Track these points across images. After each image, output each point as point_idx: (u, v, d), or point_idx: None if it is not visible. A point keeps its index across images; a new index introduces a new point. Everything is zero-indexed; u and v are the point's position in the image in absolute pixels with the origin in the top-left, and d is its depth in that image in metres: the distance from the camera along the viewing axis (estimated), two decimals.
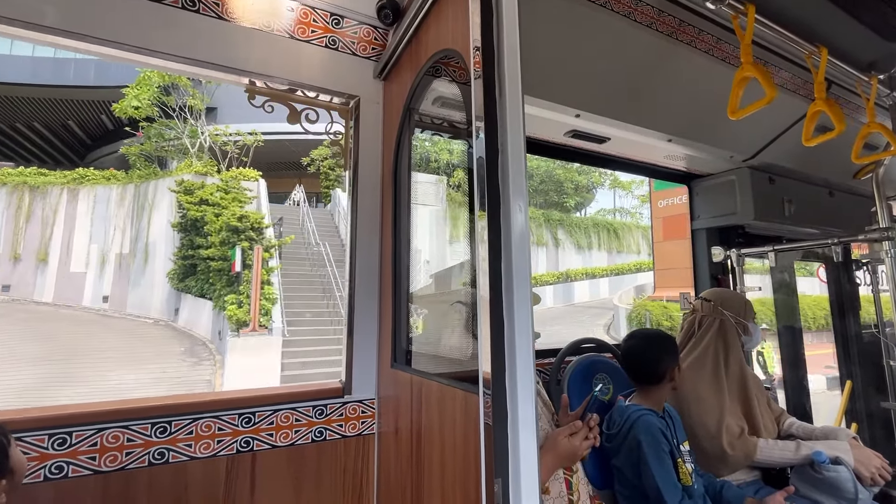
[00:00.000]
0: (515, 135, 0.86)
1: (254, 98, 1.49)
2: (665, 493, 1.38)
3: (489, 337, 0.80)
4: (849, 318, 2.97)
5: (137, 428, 1.18)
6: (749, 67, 1.26)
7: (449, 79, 1.42)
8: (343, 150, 1.65)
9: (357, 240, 1.56)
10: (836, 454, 1.54)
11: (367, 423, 1.48)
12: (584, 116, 1.68)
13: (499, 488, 0.76)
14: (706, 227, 2.53)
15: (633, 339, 1.64)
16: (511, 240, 0.81)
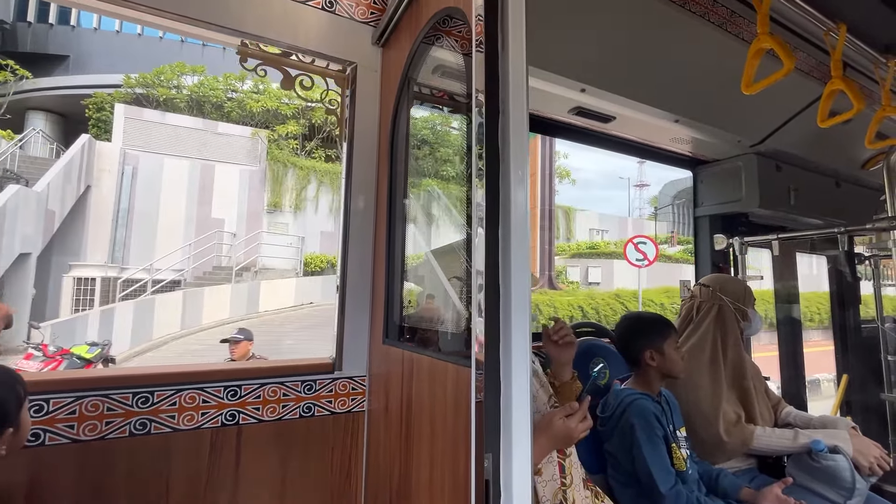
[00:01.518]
0: (518, 109, 0.81)
1: (245, 61, 1.43)
2: (657, 478, 1.36)
3: (484, 308, 0.76)
4: (849, 311, 2.95)
5: (118, 397, 1.14)
6: (766, 38, 1.20)
7: (450, 47, 1.36)
8: (338, 120, 1.59)
9: (351, 213, 1.51)
10: (834, 443, 1.52)
11: (357, 400, 1.44)
12: (590, 92, 1.62)
13: (489, 463, 0.73)
14: (709, 215, 2.48)
15: (621, 321, 1.63)
16: (510, 218, 0.78)
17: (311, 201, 14.39)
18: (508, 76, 0.82)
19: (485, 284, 0.76)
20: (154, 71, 14.92)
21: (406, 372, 1.17)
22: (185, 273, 11.80)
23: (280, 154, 14.39)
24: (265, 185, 13.91)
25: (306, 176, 14.42)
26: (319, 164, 14.84)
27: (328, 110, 1.57)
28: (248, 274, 12.15)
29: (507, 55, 0.83)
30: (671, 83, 1.72)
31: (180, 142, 13.30)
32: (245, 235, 12.96)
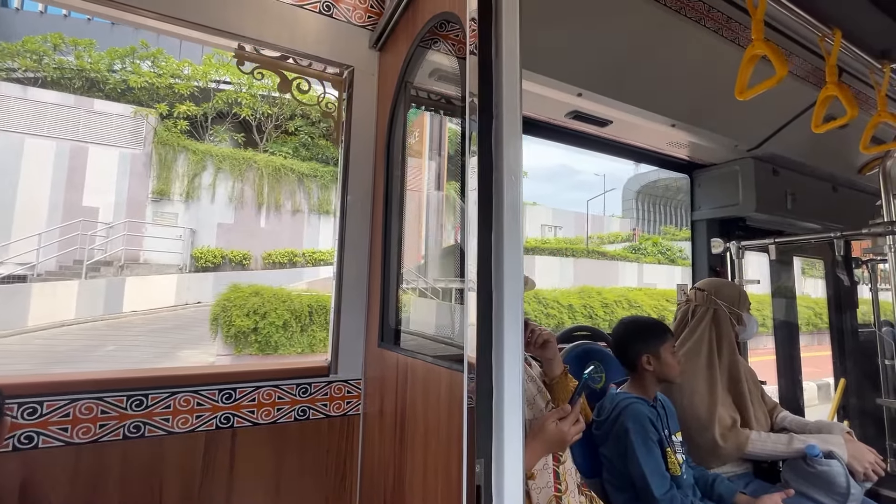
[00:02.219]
0: (511, 112, 0.82)
1: (242, 64, 1.43)
2: (651, 482, 1.36)
3: (476, 313, 0.76)
4: (846, 315, 2.95)
5: (112, 400, 1.14)
6: (760, 45, 1.20)
7: (446, 51, 1.36)
8: (335, 123, 1.59)
9: (347, 215, 1.51)
10: (829, 448, 1.51)
11: (352, 404, 1.44)
12: (587, 96, 1.63)
13: (481, 469, 0.73)
14: (706, 219, 2.49)
15: (618, 325, 1.63)
16: (503, 222, 0.78)
17: (206, 189, 12.56)
18: (502, 80, 0.83)
19: (477, 288, 0.77)
20: (23, 40, 13.12)
21: (401, 376, 1.17)
22: (35, 266, 10.02)
23: (169, 136, 12.41)
24: (150, 171, 12.14)
25: (201, 161, 12.52)
26: (217, 149, 12.96)
27: (325, 113, 1.57)
28: (111, 269, 10.64)
29: (501, 59, 0.84)
30: (667, 88, 1.72)
31: (45, 120, 11.45)
32: (124, 226, 11.27)
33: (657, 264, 17.27)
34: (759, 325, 1.96)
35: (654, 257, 18.03)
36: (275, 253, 12.61)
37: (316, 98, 1.57)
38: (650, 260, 17.61)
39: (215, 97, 13.75)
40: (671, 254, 18.37)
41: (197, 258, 11.85)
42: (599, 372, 1.77)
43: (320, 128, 14.65)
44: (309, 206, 13.74)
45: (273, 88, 13.19)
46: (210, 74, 14.05)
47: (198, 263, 11.82)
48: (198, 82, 13.96)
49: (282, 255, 12.65)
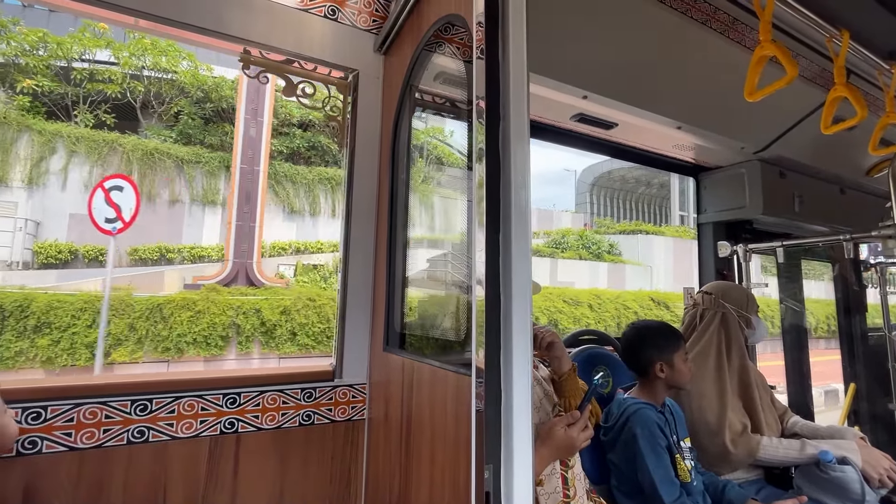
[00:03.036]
0: (519, 115, 0.81)
1: (248, 68, 1.43)
2: (661, 489, 1.33)
3: (484, 317, 0.75)
4: (855, 319, 2.91)
5: (116, 405, 1.13)
6: (768, 45, 1.19)
7: (451, 54, 1.36)
8: (340, 127, 1.59)
9: (352, 219, 1.50)
10: (842, 454, 1.49)
11: (357, 409, 1.43)
12: (592, 98, 1.62)
13: (489, 474, 0.71)
14: (713, 222, 2.47)
15: (629, 330, 1.60)
16: (511, 224, 0.77)
17: (55, 175, 10.76)
18: (509, 83, 0.82)
19: (485, 291, 0.75)
20: None
21: (406, 380, 1.15)
22: None
23: (8, 114, 10.52)
24: None
25: (49, 143, 10.70)
26: (70, 129, 11.03)
27: (330, 117, 1.57)
28: None
29: (508, 62, 0.83)
30: (673, 90, 1.71)
31: None
32: None
33: (577, 259, 14.99)
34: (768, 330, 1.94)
35: (575, 252, 15.34)
36: (142, 249, 10.72)
37: (321, 102, 1.57)
38: (569, 255, 15.13)
39: (75, 73, 11.88)
40: (597, 248, 15.92)
41: (37, 253, 10.00)
42: (607, 377, 1.75)
43: (206, 108, 12.52)
44: (191, 195, 11.76)
45: (155, 64, 12.05)
46: (82, 50, 12.11)
47: (38, 259, 9.97)
48: (61, 61, 11.92)
49: (151, 252, 10.74)
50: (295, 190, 12.73)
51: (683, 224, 24.22)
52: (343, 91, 1.59)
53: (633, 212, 29.45)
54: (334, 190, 13.20)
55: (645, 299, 12.00)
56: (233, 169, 10.15)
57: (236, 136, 10.21)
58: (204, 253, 11.29)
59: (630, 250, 16.49)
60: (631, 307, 11.37)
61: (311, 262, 11.41)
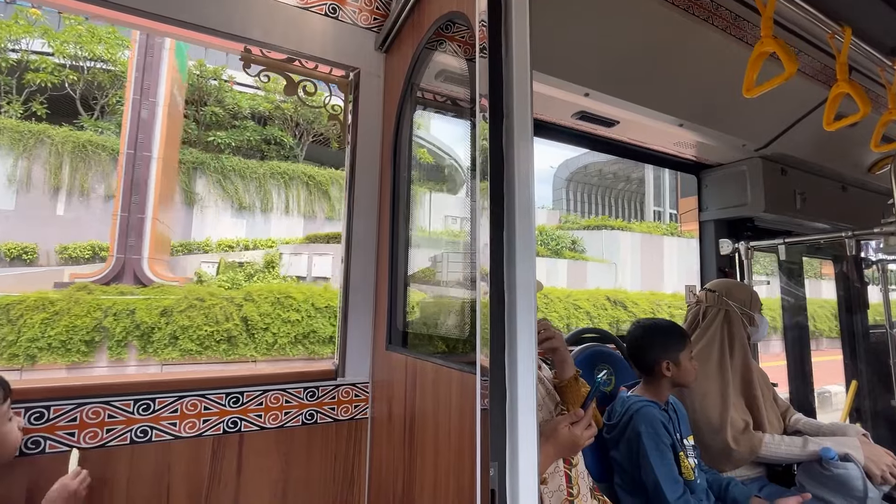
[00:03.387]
0: (522, 113, 0.81)
1: (249, 66, 1.43)
2: (665, 487, 1.33)
3: (489, 315, 0.75)
4: (856, 316, 2.91)
5: (119, 404, 1.13)
6: (769, 41, 1.19)
7: (452, 52, 1.36)
8: (341, 126, 1.59)
9: (354, 218, 1.50)
10: (845, 451, 1.49)
11: (360, 408, 1.43)
12: (594, 96, 1.61)
13: (494, 472, 0.71)
14: (714, 219, 2.46)
15: (634, 327, 1.59)
16: (515, 222, 0.77)
17: None
18: (513, 81, 0.82)
19: (490, 288, 0.75)
20: None
21: (409, 378, 1.15)
22: None
23: None
24: None
25: None
26: None
27: (331, 116, 1.57)
28: None
29: (511, 60, 0.83)
30: (675, 87, 1.71)
31: None
32: None
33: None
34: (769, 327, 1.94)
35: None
36: (73, 246, 9.98)
37: (322, 100, 1.57)
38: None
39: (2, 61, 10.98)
40: (556, 244, 14.84)
41: None
42: (610, 375, 1.75)
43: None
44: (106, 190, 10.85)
45: (92, 53, 11.10)
46: (14, 37, 11.36)
47: None
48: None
49: (82, 250, 9.99)
50: (245, 185, 12.06)
51: (658, 220, 23.27)
52: (344, 89, 1.58)
53: (610, 207, 28.62)
54: (287, 185, 12.50)
55: (600, 298, 11.09)
56: (120, 157, 9.09)
57: (124, 119, 9.14)
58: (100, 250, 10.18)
59: (595, 247, 15.69)
60: (583, 307, 10.58)
61: (240, 259, 10.35)
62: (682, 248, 15.87)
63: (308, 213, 12.86)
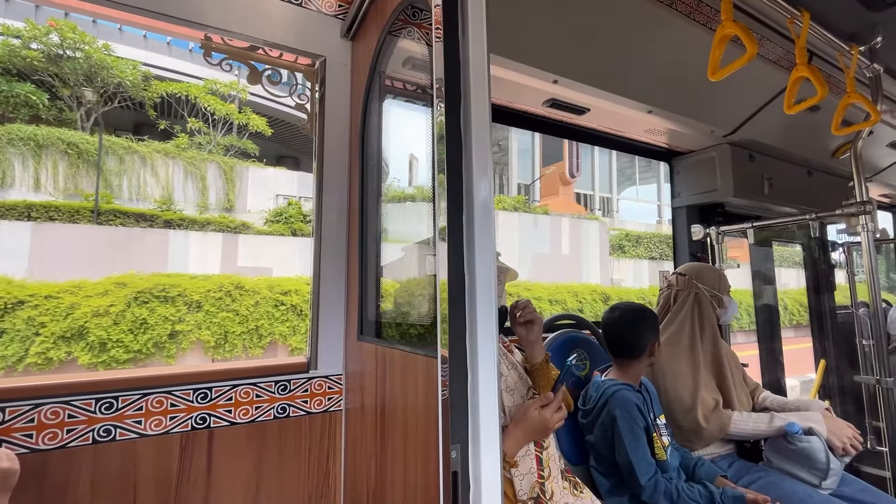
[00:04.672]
0: (480, 96, 0.80)
1: (210, 55, 1.39)
2: (637, 469, 1.36)
3: (448, 298, 0.74)
4: (824, 298, 3.01)
5: (80, 404, 1.10)
6: (730, 24, 1.21)
7: (418, 38, 1.34)
8: (308, 116, 1.56)
9: (323, 208, 1.48)
10: (808, 425, 1.54)
11: (333, 400, 1.42)
12: (562, 83, 1.62)
13: (457, 454, 0.71)
14: (686, 206, 2.51)
15: (616, 312, 1.61)
16: (474, 208, 0.76)
17: None
18: (469, 63, 0.81)
19: (448, 275, 0.75)
20: None
21: (379, 367, 1.15)
22: None
23: None
24: None
25: None
26: None
27: (298, 105, 1.54)
28: None
29: (468, 42, 0.82)
30: (642, 73, 1.73)
31: None
32: None
33: (265, 235, 10.24)
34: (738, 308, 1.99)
35: (280, 225, 10.76)
36: None
37: (288, 90, 1.54)
38: (273, 231, 10.54)
39: None
40: (295, 221, 10.93)
41: None
42: (583, 360, 1.77)
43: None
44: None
45: None
46: None
47: None
48: None
49: None
50: None
51: (526, 195, 19.37)
52: (311, 78, 1.55)
53: None
54: (38, 155, 9.87)
55: None
56: None
57: None
58: None
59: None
60: None
61: None
62: (528, 227, 12.94)
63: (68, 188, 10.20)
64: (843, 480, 1.54)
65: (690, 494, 1.36)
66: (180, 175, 11.93)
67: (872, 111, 1.71)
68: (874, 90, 1.86)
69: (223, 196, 12.31)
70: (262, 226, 10.92)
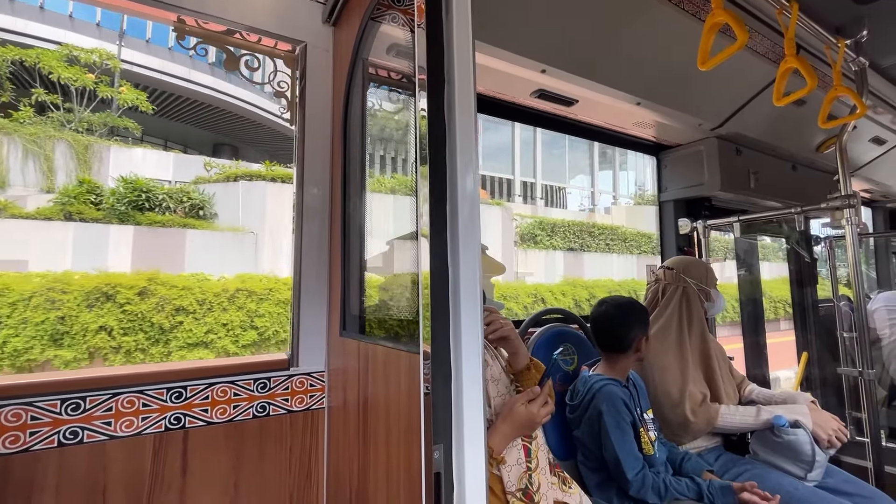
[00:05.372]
0: (465, 84, 0.76)
1: (183, 38, 1.32)
2: (624, 464, 1.35)
3: (431, 294, 0.71)
4: (807, 291, 3.05)
5: (43, 405, 1.04)
6: (720, 12, 1.19)
7: (402, 24, 1.30)
8: (289, 104, 1.50)
9: (305, 201, 1.43)
10: (794, 417, 1.54)
11: (316, 397, 1.37)
12: (550, 72, 1.59)
13: (439, 454, 0.68)
14: (674, 199, 2.51)
15: (604, 306, 1.59)
16: (458, 200, 0.73)
17: None
18: (453, 49, 0.77)
19: (432, 269, 0.71)
20: None
21: (362, 364, 1.11)
22: None
23: None
24: None
25: None
26: None
27: (277, 93, 1.48)
28: None
29: (452, 26, 0.78)
30: (631, 64, 1.70)
31: None
32: None
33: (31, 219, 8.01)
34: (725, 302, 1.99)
35: (77, 206, 8.53)
36: None
37: (267, 76, 1.48)
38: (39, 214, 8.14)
39: None
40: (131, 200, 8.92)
41: None
42: (571, 354, 1.75)
43: None
44: None
45: None
46: None
47: None
48: None
49: None
50: None
51: None
52: (291, 65, 1.50)
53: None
54: None
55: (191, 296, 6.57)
56: None
57: None
58: None
59: (230, 208, 9.95)
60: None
61: None
62: (406, 211, 9.27)
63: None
64: (827, 472, 1.55)
65: (678, 488, 1.35)
66: (18, 154, 9.88)
67: (859, 104, 1.71)
68: (859, 84, 1.87)
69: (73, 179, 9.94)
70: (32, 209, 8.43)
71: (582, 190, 26.13)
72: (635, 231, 15.68)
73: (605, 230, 15.05)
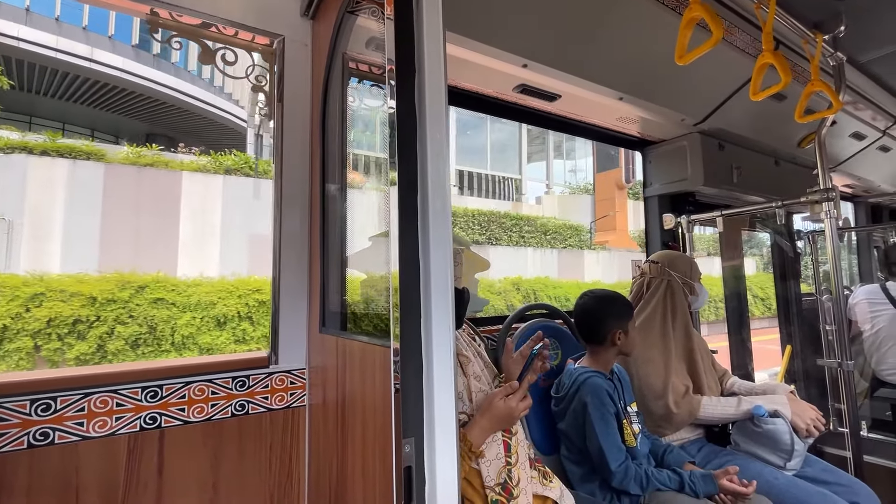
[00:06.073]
0: (435, 76, 0.76)
1: (156, 31, 1.30)
2: (608, 455, 1.35)
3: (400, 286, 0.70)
4: (790, 284, 3.09)
5: (11, 405, 1.02)
6: (697, 7, 1.19)
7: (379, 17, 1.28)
8: (267, 99, 1.48)
9: (284, 199, 1.42)
10: (774, 408, 1.56)
11: (296, 395, 1.36)
12: (532, 67, 1.58)
13: (410, 448, 0.67)
14: (658, 195, 2.52)
15: (585, 298, 1.60)
16: (428, 192, 0.72)
17: None
18: (423, 40, 0.77)
19: (401, 262, 0.71)
20: None
21: (340, 360, 1.10)
22: None
23: None
24: None
25: None
26: None
27: (255, 87, 1.46)
28: None
29: (422, 16, 0.77)
30: (613, 58, 1.70)
31: None
32: None
33: None
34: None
35: None
36: None
37: (244, 70, 1.46)
38: None
39: None
40: None
41: None
42: (555, 349, 1.76)
43: None
44: None
45: None
46: None
47: None
48: None
49: None
50: None
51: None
52: (269, 59, 1.48)
53: None
54: None
55: None
56: None
57: None
58: None
59: None
60: None
61: None
62: (244, 197, 8.73)
63: None
64: (807, 461, 1.58)
65: (660, 478, 1.36)
66: None
67: (834, 100, 1.73)
68: (837, 79, 1.89)
69: None
70: None
71: (510, 177, 22.64)
72: (560, 222, 14.30)
73: (520, 220, 13.39)
